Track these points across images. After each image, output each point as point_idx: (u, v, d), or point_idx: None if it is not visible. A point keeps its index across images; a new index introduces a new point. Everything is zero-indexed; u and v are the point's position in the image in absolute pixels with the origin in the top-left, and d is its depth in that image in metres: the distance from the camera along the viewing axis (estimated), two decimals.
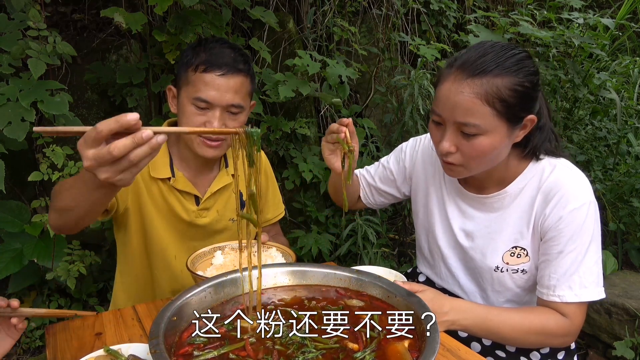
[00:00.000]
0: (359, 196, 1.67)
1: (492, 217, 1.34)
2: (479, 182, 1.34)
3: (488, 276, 1.36)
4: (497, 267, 1.33)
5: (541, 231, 1.26)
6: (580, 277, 1.20)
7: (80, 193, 1.00)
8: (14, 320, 1.03)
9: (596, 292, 1.21)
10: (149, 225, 1.49)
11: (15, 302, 1.01)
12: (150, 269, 1.54)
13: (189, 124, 1.39)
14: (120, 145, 0.74)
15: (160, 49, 2.35)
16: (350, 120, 1.29)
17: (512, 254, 1.31)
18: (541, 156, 1.29)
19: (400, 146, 1.60)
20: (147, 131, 0.75)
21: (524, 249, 1.30)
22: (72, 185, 1.04)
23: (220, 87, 1.36)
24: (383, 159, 1.63)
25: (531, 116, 1.19)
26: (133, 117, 0.74)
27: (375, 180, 1.62)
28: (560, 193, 1.22)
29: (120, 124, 0.74)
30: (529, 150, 1.27)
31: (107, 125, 0.74)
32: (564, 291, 1.20)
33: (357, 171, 1.68)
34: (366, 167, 1.67)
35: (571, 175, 1.25)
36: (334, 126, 1.30)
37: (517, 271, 1.31)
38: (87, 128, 0.77)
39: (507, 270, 1.32)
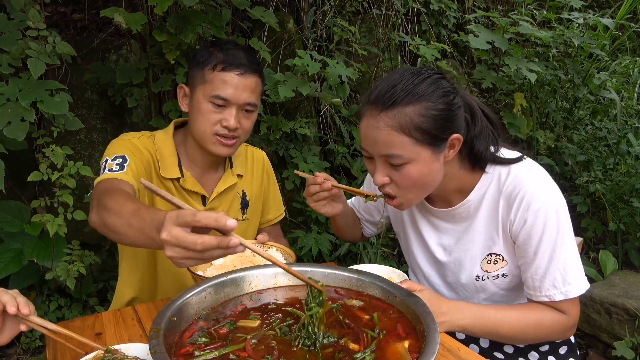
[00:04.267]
0: (362, 233, 1.71)
1: (462, 227, 1.34)
2: (442, 197, 1.35)
3: (471, 287, 1.36)
4: (478, 277, 1.33)
5: (511, 236, 1.26)
6: (562, 274, 1.20)
7: (133, 230, 1.00)
8: (22, 327, 0.99)
9: (581, 285, 1.21)
10: None
11: (25, 310, 0.97)
12: (156, 266, 1.54)
13: (204, 122, 1.41)
14: (207, 243, 0.76)
15: (160, 49, 2.35)
16: (318, 174, 1.35)
17: (489, 261, 1.31)
18: (489, 166, 1.28)
19: (369, 174, 1.61)
20: (235, 240, 0.77)
21: (499, 255, 1.30)
22: (129, 218, 1.03)
23: (238, 85, 1.39)
24: (360, 189, 1.64)
25: (456, 135, 1.18)
26: (232, 224, 0.76)
27: (362, 214, 1.66)
28: (520, 195, 1.21)
29: (218, 226, 0.76)
30: (476, 159, 1.26)
31: (206, 220, 0.76)
32: (550, 291, 1.21)
33: (349, 202, 1.70)
34: (352, 200, 1.69)
35: (528, 174, 1.24)
36: (315, 188, 1.35)
37: (498, 276, 1.32)
38: (186, 206, 0.81)
39: (487, 277, 1.32)
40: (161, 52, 2.34)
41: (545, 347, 1.38)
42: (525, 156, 1.29)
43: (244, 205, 1.63)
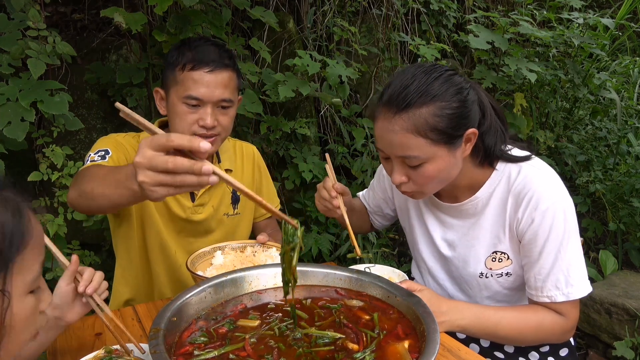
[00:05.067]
0: (371, 224, 1.72)
1: (469, 223, 1.34)
2: (451, 192, 1.35)
3: (474, 283, 1.36)
4: (482, 274, 1.33)
5: (518, 234, 1.26)
6: (565, 275, 1.20)
7: (108, 186, 1.04)
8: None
9: (583, 287, 1.21)
10: (149, 222, 1.50)
11: (90, 290, 0.98)
12: (150, 263, 1.54)
13: (181, 124, 1.40)
14: (179, 162, 0.74)
15: (160, 49, 2.35)
16: (336, 187, 1.36)
17: (494, 259, 1.31)
18: (500, 163, 1.28)
19: (379, 168, 1.62)
20: (207, 166, 0.74)
21: (505, 253, 1.30)
22: (104, 177, 1.08)
23: (210, 83, 1.38)
24: (371, 183, 1.67)
25: (471, 130, 1.18)
26: (205, 146, 0.74)
27: (371, 206, 1.67)
28: (529, 195, 1.21)
29: (191, 145, 0.74)
30: (485, 155, 1.26)
31: (179, 139, 0.74)
32: (552, 291, 1.21)
33: (359, 194, 1.73)
34: (363, 193, 1.71)
35: (538, 174, 1.24)
36: (324, 194, 1.37)
37: (502, 275, 1.32)
38: (161, 131, 0.77)
39: (491, 275, 1.32)
40: (161, 52, 2.34)
41: (546, 348, 1.37)
42: (534, 155, 1.29)
43: (235, 200, 1.63)
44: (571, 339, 1.40)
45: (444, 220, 1.39)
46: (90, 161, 1.36)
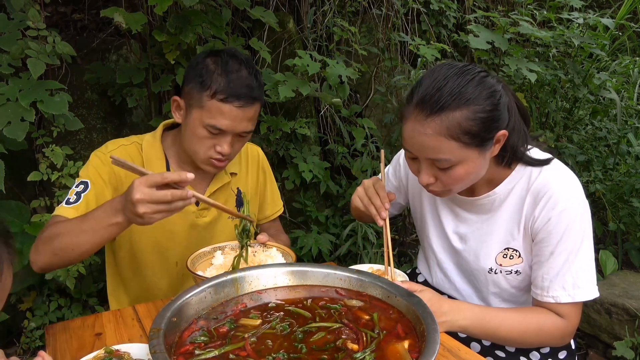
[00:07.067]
0: None
1: (483, 218, 1.34)
2: (469, 187, 1.34)
3: (483, 278, 1.36)
4: (491, 269, 1.33)
5: (532, 233, 1.26)
6: (573, 277, 1.20)
7: (91, 230, 1.14)
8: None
9: (590, 291, 1.21)
10: (148, 233, 1.46)
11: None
12: (143, 275, 1.52)
13: (198, 146, 1.38)
14: (176, 194, 1.00)
15: (160, 49, 2.35)
16: (392, 197, 1.34)
17: (505, 256, 1.31)
18: (520, 165, 1.27)
19: (396, 156, 1.61)
20: (190, 192, 1.02)
21: (516, 250, 1.30)
22: (78, 226, 1.16)
23: (237, 117, 1.34)
24: (385, 171, 1.64)
25: (502, 132, 1.17)
26: (191, 176, 1.02)
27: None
28: (548, 194, 1.21)
29: (180, 179, 1.01)
30: (509, 154, 1.25)
31: (172, 176, 1.01)
32: (558, 292, 1.21)
33: None
34: None
35: (559, 175, 1.24)
36: (377, 202, 1.33)
37: (511, 272, 1.32)
38: (149, 172, 1.03)
39: (500, 271, 1.32)
40: (161, 52, 2.34)
41: (547, 349, 1.37)
42: (554, 158, 1.29)
43: (239, 202, 1.62)
44: (571, 341, 1.40)
45: (458, 214, 1.39)
46: (66, 201, 1.33)
